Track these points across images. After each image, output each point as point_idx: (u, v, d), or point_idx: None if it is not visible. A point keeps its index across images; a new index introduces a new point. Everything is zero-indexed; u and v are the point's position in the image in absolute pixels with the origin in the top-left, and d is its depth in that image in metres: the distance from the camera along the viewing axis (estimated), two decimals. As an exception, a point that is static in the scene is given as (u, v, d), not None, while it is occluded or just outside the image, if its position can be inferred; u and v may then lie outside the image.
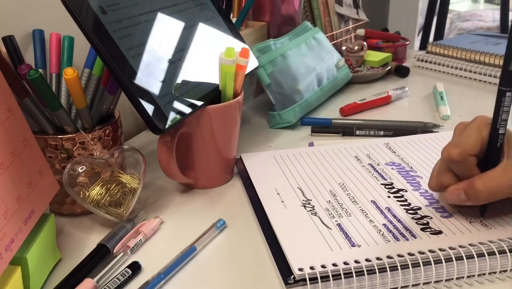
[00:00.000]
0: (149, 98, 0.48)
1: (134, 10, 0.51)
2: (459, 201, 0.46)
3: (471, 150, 0.45)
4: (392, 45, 1.07)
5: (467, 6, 3.66)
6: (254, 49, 0.74)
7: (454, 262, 0.41)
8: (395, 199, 0.51)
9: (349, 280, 0.40)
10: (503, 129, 0.45)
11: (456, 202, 0.47)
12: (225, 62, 0.53)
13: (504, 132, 0.45)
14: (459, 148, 0.45)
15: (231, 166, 0.61)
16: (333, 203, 0.51)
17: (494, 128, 0.45)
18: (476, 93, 0.89)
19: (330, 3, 1.02)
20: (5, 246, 0.36)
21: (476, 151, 0.45)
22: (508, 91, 0.45)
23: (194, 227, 0.50)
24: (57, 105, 0.48)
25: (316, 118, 0.78)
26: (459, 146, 0.46)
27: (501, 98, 0.45)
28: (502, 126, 0.45)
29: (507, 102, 0.45)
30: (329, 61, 0.85)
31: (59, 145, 0.50)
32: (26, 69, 0.45)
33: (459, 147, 0.45)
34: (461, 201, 0.46)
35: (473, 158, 0.45)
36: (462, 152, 0.45)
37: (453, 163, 0.46)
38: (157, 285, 0.42)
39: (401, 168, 0.58)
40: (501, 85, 0.45)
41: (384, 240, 0.44)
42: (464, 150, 0.45)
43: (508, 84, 0.45)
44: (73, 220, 0.53)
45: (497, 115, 0.45)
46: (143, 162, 0.52)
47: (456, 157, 0.45)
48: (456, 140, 0.47)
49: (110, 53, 0.46)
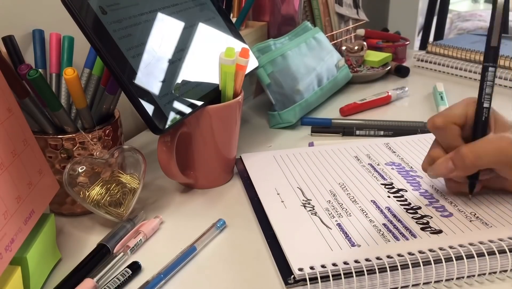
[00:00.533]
0: (149, 98, 0.48)
1: (134, 10, 0.51)
2: (447, 171, 0.47)
3: (454, 118, 0.48)
4: (392, 45, 1.07)
5: (467, 6, 3.66)
6: (254, 49, 0.74)
7: (454, 261, 0.41)
8: (395, 199, 0.51)
9: (349, 280, 0.40)
10: (487, 103, 0.48)
11: (444, 173, 0.48)
12: (225, 62, 0.53)
13: (488, 106, 0.48)
14: (442, 116, 0.48)
15: (231, 166, 0.61)
16: (333, 202, 0.51)
17: (479, 102, 0.48)
18: (476, 93, 0.89)
19: (330, 3, 1.02)
20: (5, 246, 0.36)
21: (459, 120, 0.48)
22: (490, 67, 0.48)
23: (194, 227, 0.50)
24: (57, 105, 0.48)
25: (316, 118, 0.78)
26: (443, 114, 0.48)
27: (484, 73, 0.48)
28: (486, 100, 0.48)
29: (490, 77, 0.48)
30: (329, 61, 0.85)
31: (59, 145, 0.50)
32: (26, 69, 0.45)
33: (443, 115, 0.48)
34: (448, 170, 0.47)
35: (456, 127, 0.48)
36: (445, 119, 0.48)
37: (437, 131, 0.49)
38: (157, 285, 0.42)
39: (401, 167, 0.58)
40: (485, 61, 0.48)
41: (384, 239, 0.44)
42: (447, 117, 0.48)
43: (491, 60, 0.48)
44: (73, 220, 0.53)
45: (482, 90, 0.48)
46: (143, 162, 0.52)
47: (439, 123, 0.48)
48: (442, 111, 0.50)
49: (110, 53, 0.46)
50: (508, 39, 1.06)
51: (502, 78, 0.90)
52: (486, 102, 0.48)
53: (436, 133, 0.49)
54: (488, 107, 0.48)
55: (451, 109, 0.49)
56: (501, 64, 0.91)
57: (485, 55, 0.48)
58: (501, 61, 0.91)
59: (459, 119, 0.48)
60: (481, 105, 0.48)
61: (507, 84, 0.89)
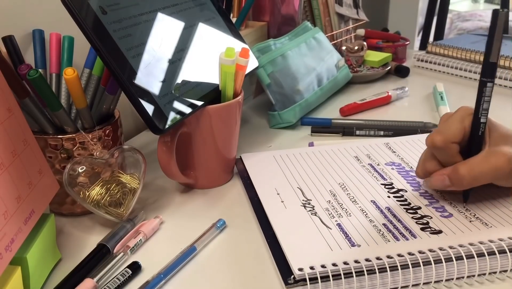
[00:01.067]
0: (149, 98, 0.48)
1: (134, 10, 0.51)
2: (443, 186, 0.48)
3: (453, 138, 0.48)
4: (392, 45, 1.07)
5: (467, 6, 3.66)
6: (254, 49, 0.74)
7: (454, 262, 0.41)
8: (395, 199, 0.51)
9: (349, 280, 0.40)
10: (484, 118, 0.48)
11: (440, 187, 0.49)
12: (225, 62, 0.53)
13: (485, 121, 0.48)
14: (442, 135, 0.48)
15: (231, 166, 0.61)
16: (333, 203, 0.51)
17: (476, 117, 0.48)
18: (476, 93, 0.89)
19: (330, 3, 1.02)
20: (5, 246, 0.36)
21: (458, 138, 0.48)
22: (488, 82, 0.48)
23: (194, 227, 0.50)
24: (57, 105, 0.48)
25: (316, 118, 0.78)
26: (442, 133, 0.48)
27: (482, 89, 0.48)
28: (484, 115, 0.48)
29: (488, 92, 0.48)
30: (329, 61, 0.85)
31: (59, 145, 0.50)
32: (26, 69, 0.45)
33: (442, 134, 0.48)
34: (445, 186, 0.48)
35: (455, 145, 0.48)
36: (445, 139, 0.47)
37: (436, 150, 0.49)
38: (157, 285, 0.42)
39: (401, 168, 0.58)
40: (482, 76, 0.48)
41: (384, 239, 0.44)
42: (446, 137, 0.48)
43: (488, 76, 0.48)
44: (73, 220, 0.53)
45: (479, 105, 0.48)
46: (143, 162, 0.52)
47: (439, 143, 0.48)
48: (440, 128, 0.49)
49: (110, 53, 0.46)
50: (508, 39, 1.06)
51: (502, 78, 0.90)
52: (483, 118, 0.48)
53: (436, 152, 0.49)
54: (485, 122, 0.48)
55: (449, 127, 0.48)
56: (501, 64, 0.91)
57: (483, 70, 0.48)
58: (501, 61, 0.91)
59: (458, 137, 0.48)
60: (478, 120, 0.48)
61: (507, 84, 0.89)
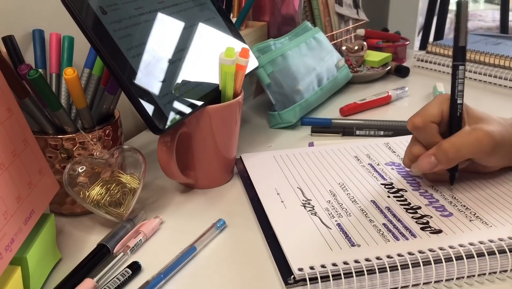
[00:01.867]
0: (149, 98, 0.48)
1: (134, 10, 0.51)
2: (430, 166, 0.50)
3: (432, 117, 0.51)
4: (392, 45, 1.07)
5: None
6: (254, 49, 0.74)
7: (454, 261, 0.41)
8: (395, 199, 0.51)
9: (349, 280, 0.40)
10: (460, 99, 0.51)
11: (427, 169, 0.50)
12: (225, 62, 0.53)
13: (461, 102, 0.51)
14: (421, 116, 0.51)
15: (231, 165, 0.61)
16: (333, 203, 0.51)
17: (453, 99, 0.51)
18: (476, 93, 0.89)
19: (330, 3, 1.02)
20: (5, 246, 0.36)
21: (437, 119, 0.51)
22: (460, 65, 0.52)
23: (194, 227, 0.50)
24: (57, 105, 0.48)
25: (316, 118, 0.78)
26: (421, 114, 0.51)
27: (455, 72, 0.52)
28: (459, 97, 0.51)
29: (461, 75, 0.51)
30: (329, 61, 0.85)
31: (59, 145, 0.50)
32: (26, 69, 0.45)
33: (421, 115, 0.51)
34: (431, 165, 0.50)
35: (434, 125, 0.51)
36: (424, 119, 0.51)
37: (417, 131, 0.52)
38: (157, 285, 0.42)
39: (401, 168, 0.58)
40: (454, 60, 0.52)
41: (384, 239, 0.44)
42: (425, 117, 0.51)
43: (460, 59, 0.52)
44: (73, 220, 0.53)
45: (454, 87, 0.51)
46: (143, 162, 0.52)
47: (419, 123, 0.51)
48: (419, 111, 0.52)
49: (110, 53, 0.46)
50: (508, 39, 1.06)
51: (502, 78, 0.90)
52: (459, 99, 0.51)
53: (416, 133, 0.52)
54: (462, 103, 0.51)
55: (428, 108, 0.52)
56: (501, 64, 0.92)
57: (454, 54, 0.52)
58: (501, 61, 0.91)
59: (436, 117, 0.51)
60: (454, 102, 0.51)
61: (507, 84, 0.89)
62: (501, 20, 2.14)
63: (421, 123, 0.51)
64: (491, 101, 0.84)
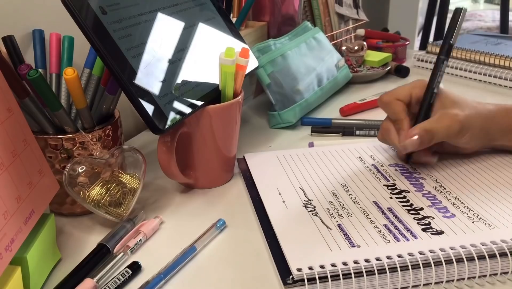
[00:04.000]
0: (149, 98, 0.48)
1: (134, 10, 0.51)
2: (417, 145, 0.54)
3: (398, 96, 0.56)
4: (392, 45, 1.07)
5: (467, 6, 3.65)
6: (254, 49, 0.73)
7: (454, 263, 0.41)
8: (397, 200, 0.51)
9: (348, 281, 0.40)
10: (436, 89, 0.56)
11: (414, 147, 0.54)
12: (225, 62, 0.53)
13: (437, 92, 0.56)
14: (388, 93, 0.57)
15: (231, 166, 0.61)
16: (335, 203, 0.51)
17: (430, 88, 0.56)
18: (476, 93, 0.89)
19: (330, 3, 1.02)
20: (5, 246, 0.36)
21: (404, 98, 0.56)
22: (444, 60, 0.57)
23: (194, 227, 0.50)
24: (57, 105, 0.48)
25: (316, 118, 0.78)
26: (390, 92, 0.57)
27: (439, 65, 0.56)
28: (437, 87, 0.56)
29: (443, 68, 0.56)
30: (329, 61, 0.85)
31: (59, 145, 0.50)
32: (26, 69, 0.45)
33: (389, 93, 0.57)
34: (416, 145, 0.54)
35: (400, 103, 0.56)
36: (390, 95, 0.57)
37: (383, 105, 0.57)
38: (157, 285, 0.42)
39: (405, 169, 0.58)
40: (440, 54, 0.57)
41: (384, 240, 0.44)
42: (392, 94, 0.57)
43: (445, 54, 0.57)
44: (73, 220, 0.53)
45: (435, 77, 0.56)
46: (143, 162, 0.52)
47: (385, 99, 0.57)
48: (389, 90, 0.58)
49: (110, 53, 0.46)
50: (508, 39, 1.06)
51: (502, 78, 0.90)
52: (436, 89, 0.56)
53: (384, 108, 0.57)
54: (436, 92, 0.56)
55: (398, 89, 0.58)
56: (501, 64, 0.92)
57: (441, 48, 0.57)
58: (501, 61, 0.91)
59: (404, 97, 0.56)
60: (431, 90, 0.56)
61: (507, 84, 0.89)
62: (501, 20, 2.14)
63: (387, 100, 0.57)
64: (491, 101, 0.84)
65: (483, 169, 0.56)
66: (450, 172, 0.56)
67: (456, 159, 0.59)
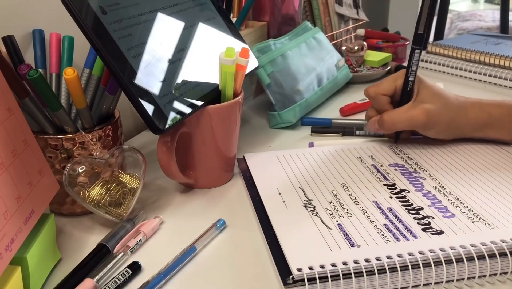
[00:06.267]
0: (149, 98, 0.48)
1: (134, 10, 0.51)
2: (375, 129, 0.62)
3: (383, 91, 0.62)
4: (392, 45, 1.07)
5: (467, 6, 3.66)
6: (254, 49, 0.73)
7: (454, 263, 0.41)
8: (397, 200, 0.51)
9: (348, 281, 0.40)
10: (412, 77, 0.61)
11: (372, 130, 0.63)
12: (225, 62, 0.53)
13: (413, 79, 0.61)
14: (374, 87, 0.62)
15: (231, 166, 0.61)
16: (335, 203, 0.51)
17: (406, 76, 0.61)
18: (476, 93, 0.88)
19: (330, 3, 1.02)
20: (5, 246, 0.36)
21: (388, 92, 0.62)
22: (417, 49, 0.61)
23: (194, 227, 0.49)
24: (57, 105, 0.48)
25: (316, 118, 0.78)
26: (375, 86, 0.62)
27: (412, 54, 0.61)
28: (412, 75, 0.61)
29: (416, 57, 0.61)
30: (329, 61, 0.85)
31: (59, 145, 0.50)
32: (26, 69, 0.45)
33: (375, 87, 0.62)
34: (375, 128, 0.62)
35: (385, 97, 0.62)
36: (376, 90, 0.62)
37: (370, 99, 0.63)
38: (157, 285, 0.42)
39: (405, 168, 0.58)
40: (413, 44, 0.62)
41: (384, 240, 0.44)
42: (377, 89, 0.62)
43: (417, 44, 0.62)
44: (73, 220, 0.53)
45: (409, 66, 0.61)
46: (143, 162, 0.52)
47: (370, 93, 0.62)
48: (376, 83, 0.63)
49: (110, 53, 0.46)
50: (508, 39, 1.06)
51: (502, 78, 0.90)
52: (411, 77, 0.61)
53: (370, 100, 0.63)
54: (413, 80, 0.61)
55: (383, 82, 0.62)
56: (501, 64, 0.92)
57: (414, 39, 0.62)
58: (501, 61, 0.91)
59: (388, 91, 0.61)
60: (407, 79, 0.61)
61: (507, 84, 0.89)
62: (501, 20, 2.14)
63: (373, 94, 0.62)
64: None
65: (483, 169, 0.56)
66: (450, 172, 0.56)
67: (457, 159, 0.59)
